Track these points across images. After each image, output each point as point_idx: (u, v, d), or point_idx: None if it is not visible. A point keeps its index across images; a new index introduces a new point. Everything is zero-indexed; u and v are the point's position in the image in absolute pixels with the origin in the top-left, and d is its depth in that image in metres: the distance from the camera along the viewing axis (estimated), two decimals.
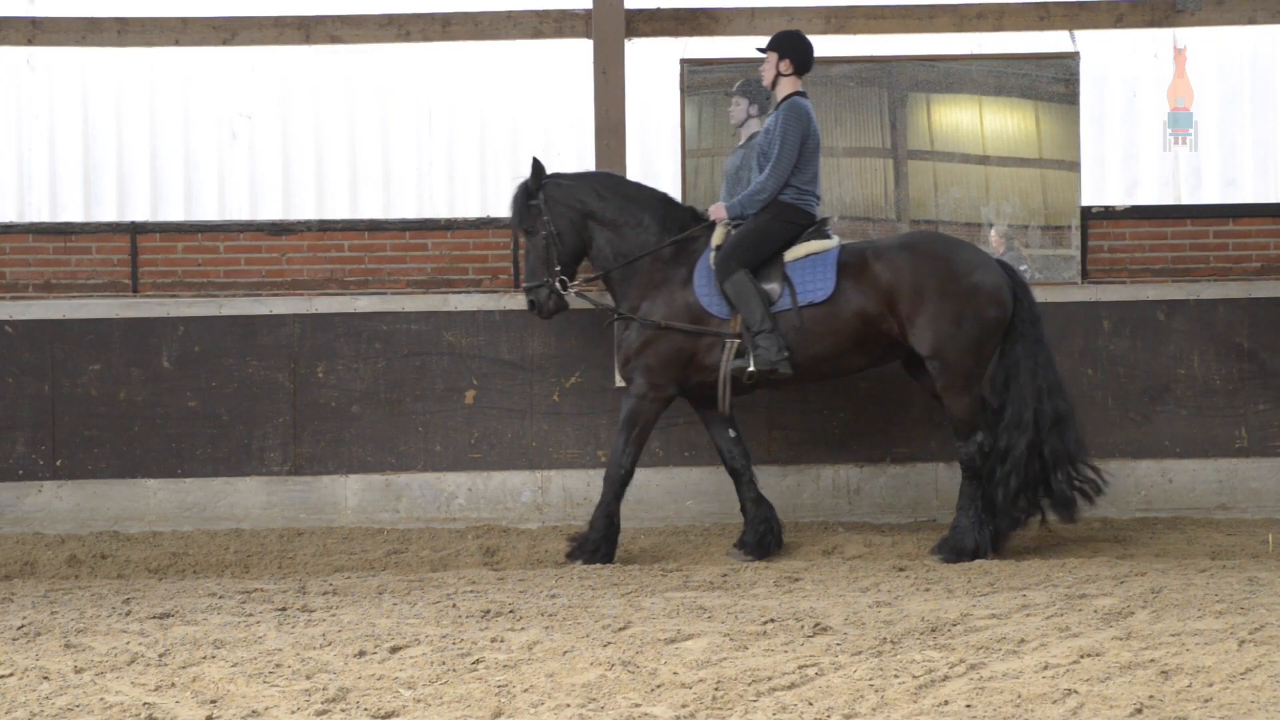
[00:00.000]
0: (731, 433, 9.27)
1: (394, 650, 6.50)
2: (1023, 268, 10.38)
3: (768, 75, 9.26)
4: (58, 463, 10.09)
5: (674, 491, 10.09)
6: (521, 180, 9.31)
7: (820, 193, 9.30)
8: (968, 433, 8.99)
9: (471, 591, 7.95)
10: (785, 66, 9.21)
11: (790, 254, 9.09)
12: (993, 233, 10.65)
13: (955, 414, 9.01)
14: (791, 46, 9.24)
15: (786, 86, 9.23)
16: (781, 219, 9.10)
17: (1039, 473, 8.99)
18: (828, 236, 9.20)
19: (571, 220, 9.25)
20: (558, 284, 9.24)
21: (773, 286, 9.02)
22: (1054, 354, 9.20)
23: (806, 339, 8.98)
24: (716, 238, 9.15)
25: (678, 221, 9.32)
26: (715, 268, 9.04)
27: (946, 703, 5.58)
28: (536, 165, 9.29)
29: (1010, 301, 9.05)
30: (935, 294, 8.92)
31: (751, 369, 8.89)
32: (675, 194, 10.77)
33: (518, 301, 10.20)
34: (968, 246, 9.29)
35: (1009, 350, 9.05)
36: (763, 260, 9.06)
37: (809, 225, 9.16)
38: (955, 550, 8.89)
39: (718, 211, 9.19)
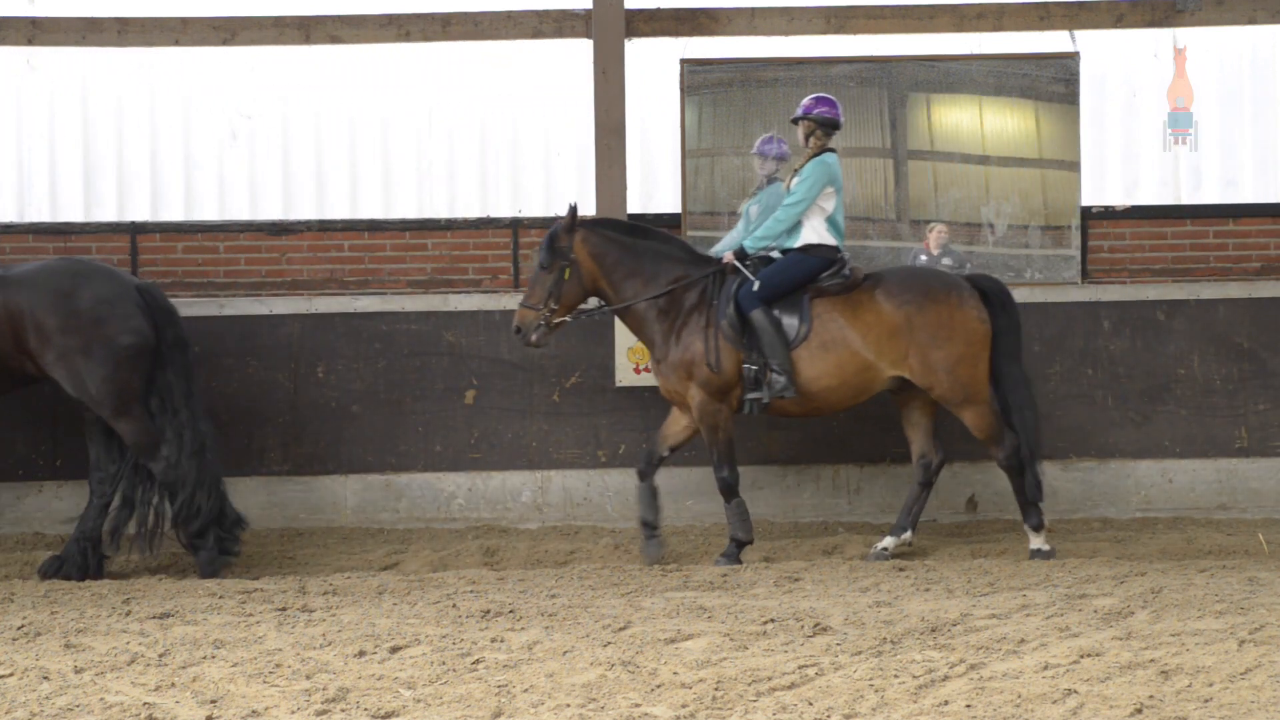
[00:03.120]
0: None
1: (394, 650, 6.49)
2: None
3: None
4: (58, 463, 10.08)
5: (674, 491, 10.08)
6: None
7: None
8: (151, 452, 8.86)
9: (471, 591, 7.95)
10: None
11: None
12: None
13: (129, 439, 8.88)
14: None
15: None
16: None
17: (211, 494, 8.90)
18: None
19: None
20: None
21: None
22: (198, 376, 9.13)
23: None
24: None
25: None
26: None
27: (946, 703, 5.58)
28: None
29: (147, 328, 8.92)
30: (58, 330, 8.78)
31: None
32: (675, 194, 10.79)
33: (518, 302, 10.19)
34: (99, 276, 9.02)
35: (160, 377, 8.95)
36: None
37: None
38: (70, 572, 8.75)
39: None
